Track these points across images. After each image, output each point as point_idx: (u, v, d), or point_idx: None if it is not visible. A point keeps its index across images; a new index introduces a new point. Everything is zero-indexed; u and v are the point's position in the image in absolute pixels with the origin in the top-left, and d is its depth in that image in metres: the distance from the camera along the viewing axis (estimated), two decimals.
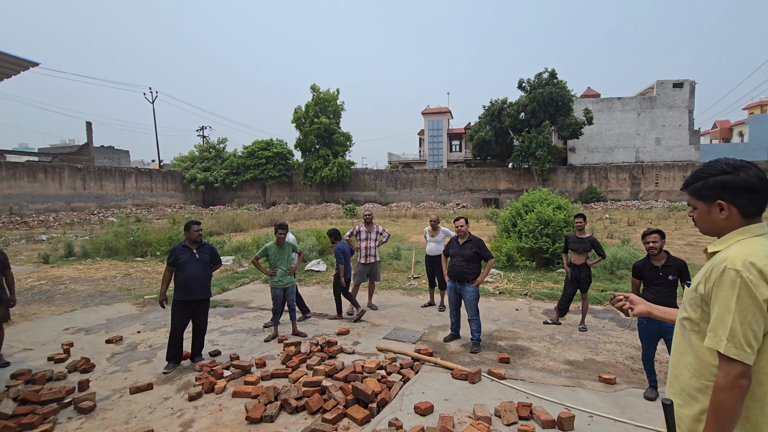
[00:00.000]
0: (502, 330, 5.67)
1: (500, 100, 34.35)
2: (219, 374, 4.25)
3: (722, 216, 1.45)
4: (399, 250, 11.30)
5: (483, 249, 5.09)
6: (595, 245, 5.66)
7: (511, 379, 4.13)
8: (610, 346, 5.04)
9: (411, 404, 3.59)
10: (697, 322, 1.46)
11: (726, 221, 1.45)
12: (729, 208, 1.43)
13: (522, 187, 34.72)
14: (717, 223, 1.47)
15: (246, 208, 33.67)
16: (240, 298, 7.58)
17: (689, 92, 34.40)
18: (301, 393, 3.76)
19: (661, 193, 33.28)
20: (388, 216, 26.20)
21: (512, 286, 8.03)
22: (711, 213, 1.47)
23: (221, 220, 19.01)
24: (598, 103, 35.86)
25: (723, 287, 1.33)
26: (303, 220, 23.17)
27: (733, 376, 1.27)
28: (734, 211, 1.43)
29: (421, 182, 38.38)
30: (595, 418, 3.39)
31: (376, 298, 7.31)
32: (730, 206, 1.43)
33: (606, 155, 36.03)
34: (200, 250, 4.82)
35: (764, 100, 46.05)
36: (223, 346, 5.21)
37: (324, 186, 38.90)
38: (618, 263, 8.57)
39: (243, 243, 12.31)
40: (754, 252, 1.33)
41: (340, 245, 6.36)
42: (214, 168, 39.85)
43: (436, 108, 46.43)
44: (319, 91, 36.78)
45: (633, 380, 4.14)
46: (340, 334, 5.53)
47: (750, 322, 1.28)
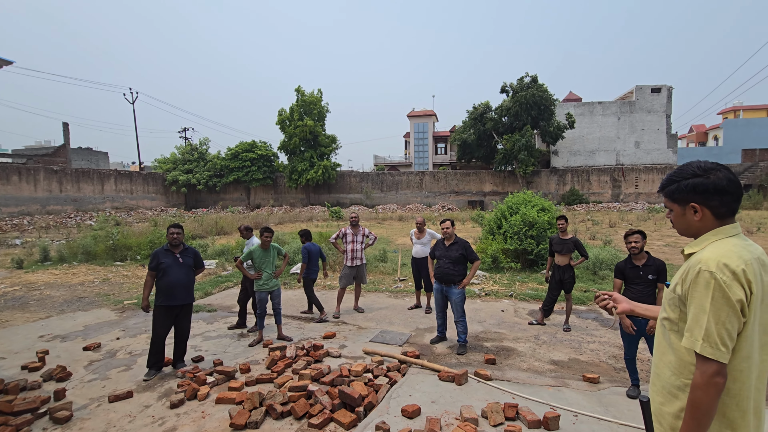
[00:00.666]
0: (488, 331, 5.71)
1: (483, 103, 34.77)
2: (202, 380, 4.15)
3: (696, 218, 1.48)
4: (385, 252, 11.29)
5: (469, 251, 5.12)
6: (578, 246, 5.75)
7: (497, 380, 4.15)
8: (593, 346, 5.11)
9: (398, 407, 3.57)
10: (676, 322, 1.49)
11: (700, 223, 1.48)
12: (702, 210, 1.46)
13: (506, 189, 35.15)
14: (692, 224, 1.51)
15: (230, 210, 33.20)
16: (224, 303, 7.45)
17: (667, 97, 35.39)
18: (287, 398, 3.71)
19: (640, 195, 34.12)
20: (375, 218, 26.18)
21: (498, 287, 8.10)
22: (685, 215, 1.51)
23: (204, 223, 18.69)
24: (580, 107, 36.59)
25: (698, 288, 1.36)
26: (288, 223, 22.96)
27: (709, 375, 1.30)
28: (707, 213, 1.46)
29: (407, 185, 38.50)
30: (579, 417, 3.43)
31: (362, 301, 7.28)
32: (703, 208, 1.46)
33: (588, 158, 36.77)
34: (183, 254, 4.72)
35: (737, 106, 47.70)
36: (207, 351, 5.11)
37: (309, 188, 38.65)
38: (600, 264, 8.73)
39: (227, 246, 12.12)
40: (727, 253, 1.36)
41: (308, 245, 6.49)
42: (196, 170, 39.17)
43: (421, 111, 46.68)
44: (303, 93, 36.57)
45: (616, 379, 4.21)
46: (326, 338, 5.48)
47: (724, 321, 1.31)
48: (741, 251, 1.37)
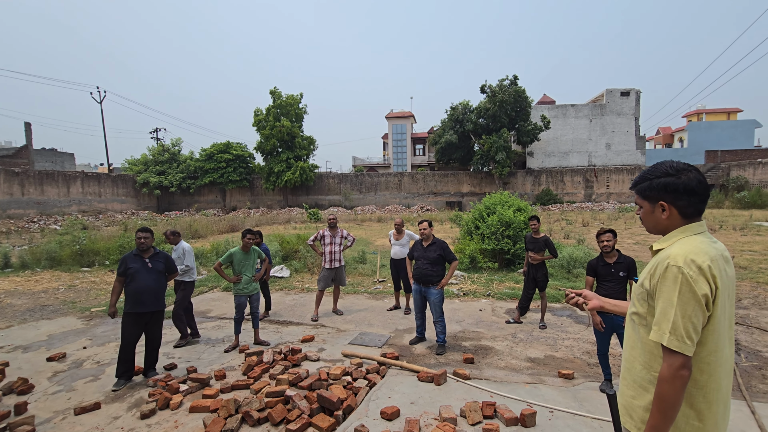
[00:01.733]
0: (467, 330, 5.76)
1: (462, 103, 35.17)
2: (175, 389, 4.01)
3: (663, 216, 1.53)
4: (364, 254, 11.25)
5: (446, 251, 5.15)
6: (548, 244, 5.88)
7: (475, 379, 4.19)
8: (568, 343, 5.23)
9: (377, 409, 3.55)
10: (645, 317, 1.53)
11: (667, 221, 1.53)
12: (670, 209, 1.51)
13: (484, 189, 35.69)
14: (659, 222, 1.56)
15: (204, 213, 32.41)
16: (198, 308, 7.24)
17: (635, 100, 36.75)
18: (264, 404, 3.62)
19: (612, 195, 35.26)
20: (353, 220, 26.09)
21: (476, 287, 8.19)
22: (654, 212, 1.56)
23: (177, 227, 18.17)
24: (554, 110, 37.54)
25: (666, 283, 1.41)
26: (265, 225, 22.59)
27: (675, 367, 1.34)
28: (674, 211, 1.51)
29: (386, 186, 38.55)
30: (555, 413, 3.49)
31: (341, 303, 7.22)
32: (671, 207, 1.51)
33: (562, 159, 37.75)
34: (153, 259, 4.57)
35: (700, 109, 49.97)
36: (180, 358, 4.95)
37: (287, 190, 38.18)
38: (574, 262, 8.96)
39: (201, 250, 11.80)
40: (694, 249, 1.41)
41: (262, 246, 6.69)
42: (169, 172, 38.05)
43: (399, 112, 46.86)
44: (279, 95, 36.09)
45: (590, 374, 4.31)
46: (304, 342, 5.41)
47: (690, 315, 1.35)
48: (707, 248, 1.42)
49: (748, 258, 10.09)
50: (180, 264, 5.52)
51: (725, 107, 49.63)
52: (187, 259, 5.61)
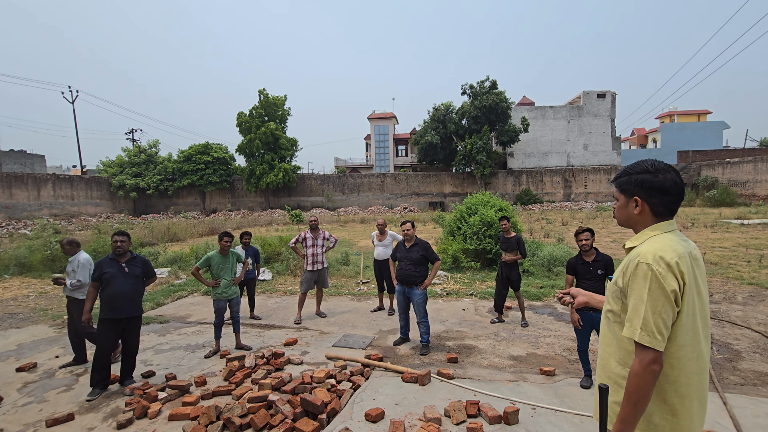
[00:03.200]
0: (450, 330, 5.79)
1: (444, 104, 35.46)
2: (153, 397, 3.90)
3: (635, 211, 1.57)
4: (348, 255, 11.20)
5: (429, 252, 5.17)
6: (519, 244, 5.94)
7: (459, 378, 4.21)
8: (549, 340, 5.32)
9: (362, 412, 3.53)
10: (619, 314, 1.56)
11: (638, 216, 1.58)
12: (642, 205, 1.56)
13: (466, 190, 36.04)
14: (631, 216, 1.60)
15: (183, 216, 31.68)
16: (177, 313, 7.08)
17: (611, 102, 37.76)
18: (246, 410, 3.56)
19: (589, 195, 36.12)
20: (336, 221, 25.96)
21: (458, 286, 8.25)
22: (627, 207, 1.60)
23: (155, 230, 17.71)
24: (533, 111, 38.23)
25: (637, 280, 1.45)
26: (247, 227, 22.26)
27: (646, 362, 1.38)
28: (646, 208, 1.55)
29: (369, 187, 38.52)
30: (537, 410, 3.54)
31: (324, 305, 7.17)
32: (643, 204, 1.55)
33: (541, 160, 38.47)
34: (130, 263, 4.43)
35: (672, 111, 51.75)
36: (158, 365, 4.81)
37: (269, 192, 37.71)
38: (554, 261, 9.12)
39: (180, 253, 11.54)
40: (663, 247, 1.45)
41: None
42: (146, 174, 37.06)
43: (381, 113, 46.94)
44: (267, 95, 35.73)
45: (570, 371, 4.39)
46: (287, 345, 5.34)
47: (660, 311, 1.39)
48: (676, 245, 1.46)
49: (719, 254, 10.48)
50: (71, 278, 4.86)
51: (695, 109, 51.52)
52: (80, 273, 4.86)
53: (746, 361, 4.52)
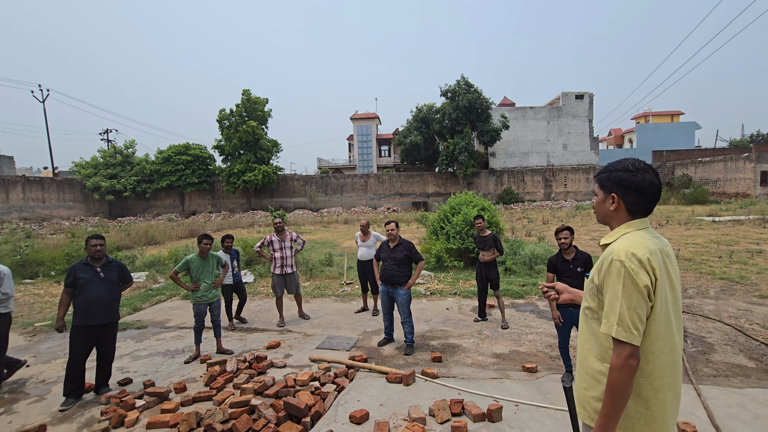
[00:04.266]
0: (434, 330, 5.81)
1: (426, 105, 35.66)
2: (130, 405, 3.78)
3: (612, 207, 1.62)
4: (331, 256, 11.13)
5: (413, 252, 5.18)
6: (496, 241, 5.99)
7: (443, 377, 4.23)
8: (531, 337, 5.39)
9: (346, 414, 3.50)
10: (596, 311, 1.60)
11: (614, 213, 1.62)
12: (618, 202, 1.60)
13: (449, 190, 36.31)
14: (607, 212, 1.65)
15: (167, 218, 30.89)
16: (155, 318, 6.89)
17: (589, 103, 38.65)
18: (228, 415, 3.49)
19: (569, 194, 36.87)
20: (320, 222, 25.80)
21: (442, 286, 8.29)
22: (605, 203, 1.65)
23: (132, 233, 17.25)
24: (514, 111, 38.82)
25: (611, 277, 1.48)
26: (227, 229, 21.88)
27: (624, 357, 1.40)
28: (621, 205, 1.60)
29: (352, 187, 38.41)
30: (520, 407, 3.58)
31: (308, 307, 7.10)
32: (620, 201, 1.60)
33: (522, 159, 39.09)
34: (106, 268, 4.29)
35: (647, 112, 53.29)
36: (136, 372, 4.68)
37: (250, 192, 37.18)
38: (536, 259, 9.27)
39: (158, 257, 11.26)
40: (634, 244, 1.49)
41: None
42: (122, 175, 36.01)
43: (364, 113, 46.88)
44: (250, 94, 35.26)
45: (552, 367, 4.46)
46: (270, 348, 5.26)
47: (635, 306, 1.42)
48: (647, 242, 1.50)
49: (692, 251, 10.83)
50: None
51: (669, 110, 53.19)
52: (5, 285, 4.41)
53: (719, 353, 4.68)
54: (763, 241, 12.10)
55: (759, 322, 5.56)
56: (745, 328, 5.35)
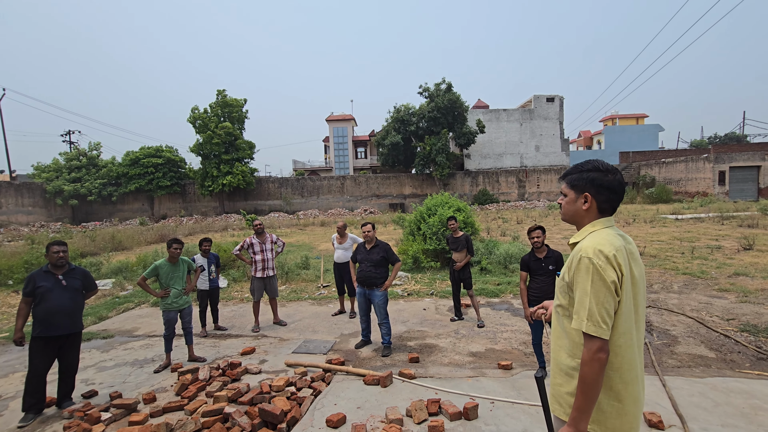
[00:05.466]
0: (412, 330, 5.83)
1: (405, 105, 35.86)
2: (95, 418, 3.61)
3: (584, 207, 1.67)
4: (308, 259, 11.01)
5: (389, 253, 5.18)
6: (468, 242, 6.07)
7: (421, 378, 4.24)
8: (506, 335, 5.48)
9: (323, 418, 3.46)
10: (567, 308, 1.64)
11: (585, 212, 1.67)
12: (591, 202, 1.65)
13: (425, 191, 36.60)
14: (578, 212, 1.69)
15: (141, 221, 29.74)
16: (123, 326, 6.63)
17: (559, 106, 39.83)
18: (200, 425, 3.38)
19: (542, 194, 37.83)
20: (296, 225, 25.50)
21: (419, 287, 8.34)
22: (577, 202, 1.69)
23: (98, 239, 16.54)
24: (488, 114, 39.56)
25: (580, 274, 1.53)
26: (199, 234, 21.31)
27: (594, 351, 1.45)
28: (594, 204, 1.65)
29: (328, 189, 38.17)
30: (496, 404, 3.63)
31: (283, 312, 6.99)
32: (593, 200, 1.65)
33: (496, 161, 39.86)
34: (68, 276, 4.09)
35: (614, 114, 55.39)
36: (101, 384, 4.48)
37: (223, 196, 36.35)
38: (510, 258, 9.44)
39: (126, 263, 10.84)
40: (601, 241, 1.54)
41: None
42: (86, 178, 34.47)
43: (340, 115, 46.72)
44: (225, 95, 34.46)
45: (526, 363, 4.55)
46: (244, 354, 5.14)
47: (603, 301, 1.47)
48: (613, 240, 1.56)
49: (657, 248, 11.31)
50: None
51: (634, 113, 55.45)
52: None
53: (682, 345, 4.89)
54: (721, 237, 12.76)
55: (718, 315, 5.85)
56: (706, 321, 5.62)
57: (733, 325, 5.40)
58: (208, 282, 6.14)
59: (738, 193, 28.75)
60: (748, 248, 10.37)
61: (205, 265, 6.10)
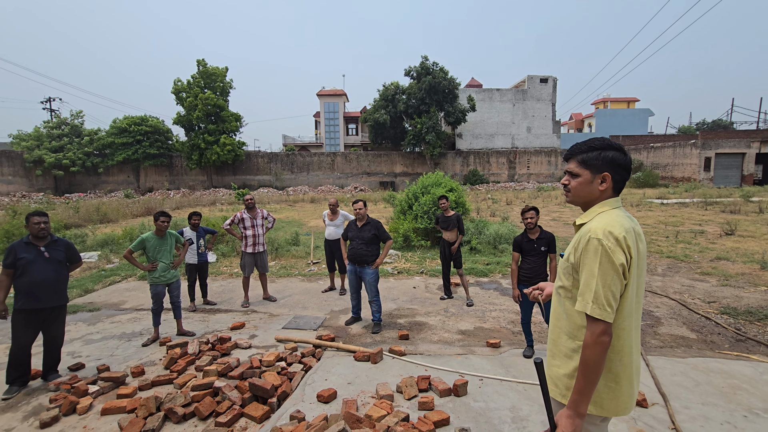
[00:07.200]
0: (402, 308, 5.87)
1: (393, 84, 35.23)
2: (82, 391, 3.58)
3: (601, 187, 1.59)
4: (297, 235, 10.94)
5: (381, 231, 5.14)
6: (459, 222, 6.07)
7: (410, 355, 4.28)
8: (495, 314, 5.56)
9: (313, 393, 3.48)
10: (570, 289, 1.61)
11: (600, 192, 1.60)
12: (609, 182, 1.58)
13: (416, 170, 36.46)
14: (592, 192, 1.61)
15: (126, 193, 29.07)
16: (110, 300, 6.54)
17: (552, 87, 39.56)
18: (190, 398, 3.38)
19: (532, 176, 38.03)
20: (285, 201, 25.27)
21: (409, 265, 8.37)
22: (593, 183, 1.60)
23: (82, 210, 16.18)
24: (481, 93, 39.13)
25: (588, 255, 1.49)
26: (187, 207, 21.02)
27: (597, 334, 1.43)
28: (610, 185, 1.58)
29: (319, 166, 37.76)
30: (485, 381, 3.69)
31: (273, 287, 6.96)
32: (610, 180, 1.58)
33: (488, 141, 39.73)
34: (51, 247, 3.97)
35: (606, 98, 55.35)
36: (88, 357, 4.43)
37: (212, 169, 35.71)
38: (500, 238, 9.51)
39: (112, 235, 10.64)
40: (611, 222, 1.50)
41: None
42: (69, 148, 33.43)
43: (331, 90, 45.72)
44: (206, 65, 33.26)
45: (514, 342, 4.63)
46: (234, 329, 5.13)
47: (610, 284, 1.44)
48: (623, 221, 1.52)
49: (643, 231, 11.48)
50: None
51: (626, 97, 55.45)
52: None
53: (665, 326, 5.02)
54: (705, 222, 13.03)
55: (700, 297, 6.01)
56: (688, 303, 5.76)
57: (714, 308, 5.56)
58: (197, 256, 6.06)
59: (722, 180, 29.28)
60: (730, 233, 10.61)
61: (194, 239, 6.00)
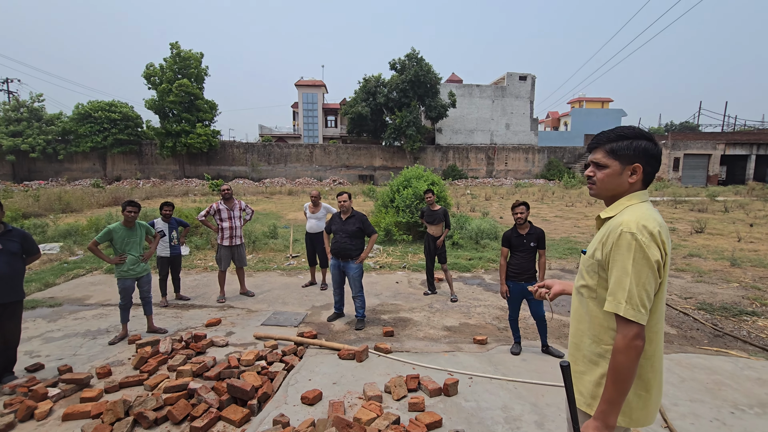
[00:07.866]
0: (385, 303, 5.73)
1: (374, 76, 34.89)
2: (41, 394, 3.27)
3: (631, 179, 1.45)
4: (276, 228, 10.62)
5: (366, 224, 4.97)
6: (446, 216, 5.99)
7: (397, 352, 4.15)
8: (479, 310, 5.49)
9: (297, 394, 3.29)
10: (594, 289, 1.47)
11: (629, 185, 1.46)
12: (640, 173, 1.45)
13: (396, 164, 36.33)
14: (622, 185, 1.47)
15: (95, 183, 27.62)
16: (73, 294, 6.12)
17: (531, 85, 40.13)
18: (162, 401, 3.13)
19: (509, 172, 38.57)
20: (262, 192, 24.67)
21: (392, 259, 8.24)
22: (622, 174, 1.46)
23: (42, 199, 15.25)
24: (461, 89, 39.28)
25: (620, 250, 1.35)
26: (158, 198, 20.18)
27: (630, 338, 1.30)
28: (641, 176, 1.45)
29: (297, 157, 37.07)
30: (474, 379, 3.60)
31: (251, 282, 6.69)
32: (641, 171, 1.45)
33: (467, 137, 39.99)
34: (4, 238, 3.61)
35: (581, 97, 56.61)
36: (48, 356, 4.08)
37: (184, 159, 34.46)
38: (481, 233, 9.50)
39: (75, 226, 10.02)
40: (644, 216, 1.37)
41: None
42: (28, 133, 31.51)
43: (310, 80, 44.84)
44: (179, 49, 31.88)
45: (501, 338, 4.56)
46: (209, 326, 4.86)
47: (644, 283, 1.31)
48: (654, 215, 1.40)
49: None
50: None
51: (600, 97, 56.90)
52: None
53: None
54: (675, 220, 13.47)
55: (677, 293, 6.14)
56: (666, 299, 5.87)
57: (691, 304, 5.68)
58: (169, 248, 5.72)
59: (690, 179, 30.54)
60: (700, 231, 10.99)
61: (166, 231, 5.66)
